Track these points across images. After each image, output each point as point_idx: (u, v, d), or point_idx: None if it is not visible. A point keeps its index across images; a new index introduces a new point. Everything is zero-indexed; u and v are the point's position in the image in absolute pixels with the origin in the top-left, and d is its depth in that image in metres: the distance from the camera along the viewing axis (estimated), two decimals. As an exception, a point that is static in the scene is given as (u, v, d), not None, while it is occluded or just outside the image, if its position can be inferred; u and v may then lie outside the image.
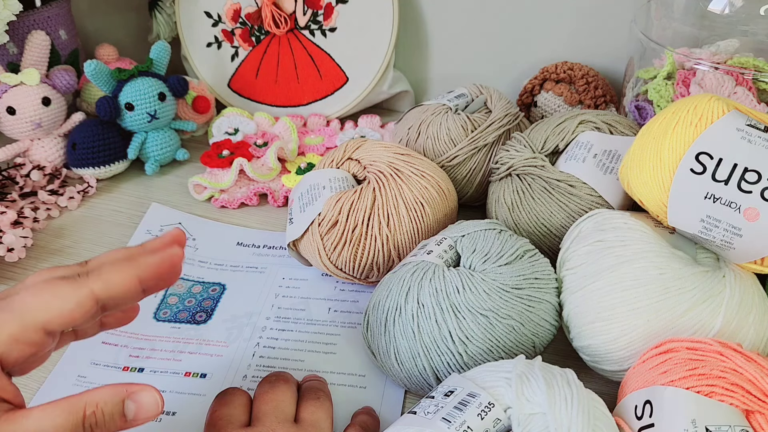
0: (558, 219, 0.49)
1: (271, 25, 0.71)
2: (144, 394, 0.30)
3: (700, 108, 0.41)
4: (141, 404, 0.30)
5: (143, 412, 0.30)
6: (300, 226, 0.51)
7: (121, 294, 0.31)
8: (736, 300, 0.39)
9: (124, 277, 0.31)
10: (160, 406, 0.31)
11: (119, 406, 0.30)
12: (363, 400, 0.45)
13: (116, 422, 0.30)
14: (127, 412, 0.30)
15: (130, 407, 0.30)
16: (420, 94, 0.80)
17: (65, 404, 0.29)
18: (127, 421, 0.30)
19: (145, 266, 0.31)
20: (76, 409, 0.29)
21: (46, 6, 0.70)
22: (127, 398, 0.30)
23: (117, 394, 0.30)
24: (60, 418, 0.29)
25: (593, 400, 0.34)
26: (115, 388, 0.30)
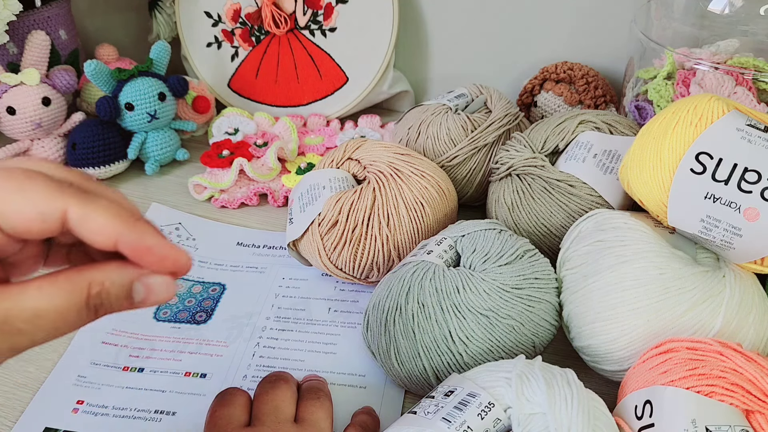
0: (558, 219, 0.49)
1: (271, 25, 0.71)
2: (155, 278, 0.27)
3: (700, 108, 0.41)
4: (150, 287, 0.27)
5: (153, 295, 0.27)
6: (300, 226, 0.51)
7: (88, 235, 0.25)
8: (736, 300, 0.39)
9: (102, 224, 0.25)
10: (173, 292, 0.27)
11: (127, 288, 0.26)
12: (363, 400, 0.45)
13: (122, 303, 0.27)
14: (135, 295, 0.27)
15: (138, 290, 0.27)
16: (420, 94, 0.80)
17: (66, 282, 0.25)
18: (134, 304, 0.27)
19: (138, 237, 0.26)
20: (80, 288, 0.26)
21: (46, 6, 0.70)
22: (137, 280, 0.26)
23: (125, 274, 0.26)
24: (61, 297, 0.25)
25: (593, 400, 0.34)
26: (123, 265, 0.26)
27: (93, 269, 0.26)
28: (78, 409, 0.44)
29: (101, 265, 0.26)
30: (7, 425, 0.43)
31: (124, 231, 0.25)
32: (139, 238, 0.26)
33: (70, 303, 0.25)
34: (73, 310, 0.25)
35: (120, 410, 0.44)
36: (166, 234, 0.60)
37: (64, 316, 0.25)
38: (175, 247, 0.27)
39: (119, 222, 0.25)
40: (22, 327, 0.25)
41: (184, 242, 0.59)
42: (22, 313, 0.25)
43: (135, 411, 0.44)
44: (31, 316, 0.25)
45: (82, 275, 0.26)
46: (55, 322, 0.25)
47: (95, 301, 0.26)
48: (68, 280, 0.26)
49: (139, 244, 0.26)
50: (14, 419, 0.43)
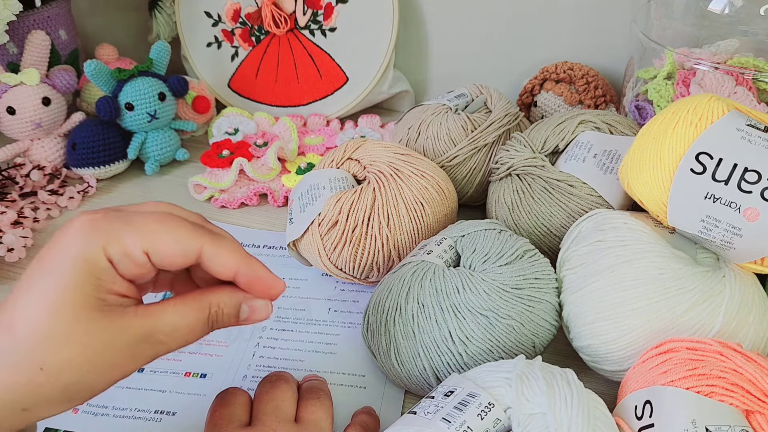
0: (558, 219, 0.49)
1: (271, 25, 0.71)
2: (258, 302, 0.34)
3: (700, 108, 0.41)
4: (254, 308, 0.34)
5: (255, 315, 0.35)
6: (300, 226, 0.51)
7: (217, 269, 0.33)
8: (736, 300, 0.39)
9: (229, 260, 0.33)
10: (270, 313, 0.35)
11: (236, 308, 0.34)
12: (363, 400, 0.45)
13: (231, 321, 0.34)
14: (241, 314, 0.34)
15: (244, 310, 0.34)
16: (420, 94, 0.80)
17: (195, 303, 0.32)
18: (240, 321, 0.34)
19: (252, 270, 0.34)
20: (204, 308, 0.32)
21: (46, 6, 0.70)
22: (244, 302, 0.34)
23: (235, 298, 0.34)
24: (191, 316, 0.32)
25: (593, 400, 0.34)
26: (234, 291, 0.34)
27: (213, 293, 0.33)
28: (78, 409, 0.44)
29: (217, 289, 0.34)
30: (7, 425, 0.43)
31: (242, 265, 0.33)
32: (253, 271, 0.34)
33: (198, 320, 0.32)
34: (200, 325, 0.33)
35: (120, 410, 0.44)
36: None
37: (193, 330, 0.32)
38: (276, 278, 0.35)
39: (240, 258, 0.33)
40: (163, 339, 0.31)
41: (184, 242, 0.59)
42: (164, 327, 0.31)
43: (135, 411, 0.44)
44: (170, 330, 0.31)
45: (204, 297, 0.33)
46: (186, 335, 0.32)
47: (213, 319, 0.33)
48: (195, 301, 0.33)
49: (253, 275, 0.34)
50: (14, 419, 0.43)
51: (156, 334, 0.31)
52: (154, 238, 0.31)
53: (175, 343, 0.32)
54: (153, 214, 0.32)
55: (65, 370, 0.28)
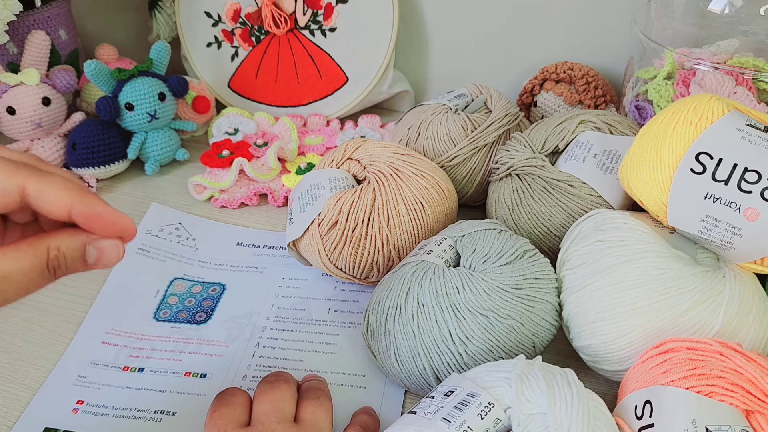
0: (558, 219, 0.49)
1: (271, 25, 0.71)
2: (105, 242, 0.31)
3: (700, 108, 0.41)
4: (102, 250, 0.31)
5: (104, 257, 0.31)
6: (300, 226, 0.51)
7: (46, 208, 0.30)
8: (736, 300, 0.39)
9: (56, 196, 0.29)
10: (121, 254, 0.32)
11: (80, 251, 0.31)
12: (363, 400, 0.45)
13: (77, 265, 0.31)
14: (88, 257, 0.31)
15: (91, 252, 0.31)
16: (420, 94, 0.80)
17: (28, 247, 0.30)
18: (88, 265, 0.31)
19: (89, 207, 0.30)
20: (40, 252, 0.30)
21: (46, 6, 0.70)
22: (89, 244, 0.31)
23: (77, 239, 0.31)
24: (25, 261, 0.29)
25: (593, 400, 0.34)
26: (75, 232, 0.31)
27: (50, 236, 0.30)
28: (78, 409, 0.44)
29: (57, 232, 0.30)
30: (7, 425, 0.43)
31: (76, 201, 0.30)
32: (89, 207, 0.30)
33: (33, 265, 0.30)
34: (36, 271, 0.30)
35: (120, 410, 0.44)
36: (166, 234, 0.60)
37: (29, 277, 0.29)
38: (120, 213, 0.31)
39: (72, 193, 0.30)
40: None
41: (184, 242, 0.59)
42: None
43: (135, 411, 0.44)
44: (1, 278, 0.29)
45: (40, 241, 0.30)
46: (21, 282, 0.29)
47: (53, 264, 0.30)
48: (30, 246, 0.30)
49: (89, 211, 0.30)
50: (14, 419, 0.43)
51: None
52: None
53: (12, 292, 0.29)
54: None
55: None
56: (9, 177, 0.29)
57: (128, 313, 0.52)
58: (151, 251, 0.57)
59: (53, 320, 0.51)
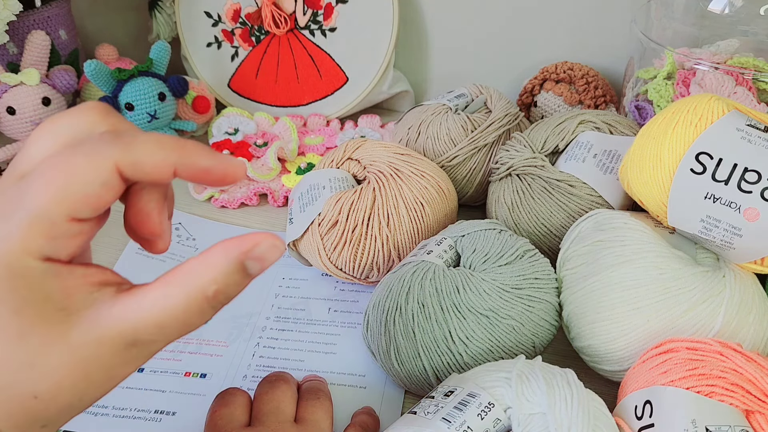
0: (558, 219, 0.49)
1: (271, 25, 0.71)
2: (261, 248, 0.26)
3: (700, 108, 0.41)
4: (262, 258, 0.26)
5: (267, 263, 0.26)
6: (300, 226, 0.51)
7: (148, 177, 0.25)
8: (736, 300, 0.39)
9: (156, 160, 0.25)
10: (283, 246, 0.27)
11: (241, 274, 0.26)
12: (363, 400, 0.45)
13: (241, 287, 0.26)
14: (251, 271, 0.26)
15: (253, 267, 0.26)
16: (420, 94, 0.80)
17: (179, 291, 0.25)
18: (253, 277, 0.26)
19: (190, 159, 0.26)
20: (194, 294, 0.25)
21: (46, 6, 0.70)
22: (246, 260, 0.26)
23: (232, 263, 0.26)
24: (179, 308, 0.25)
25: (593, 400, 0.34)
26: (225, 256, 0.26)
27: (201, 268, 0.26)
28: (78, 409, 0.44)
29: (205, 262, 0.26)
30: (7, 425, 0.43)
31: (177, 160, 0.25)
32: (193, 163, 0.26)
33: (190, 309, 0.25)
34: (195, 314, 0.26)
35: (120, 410, 0.44)
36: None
37: (188, 321, 0.26)
38: (228, 160, 0.27)
39: (169, 152, 0.25)
40: (153, 338, 0.26)
41: (184, 242, 0.59)
42: (147, 328, 0.25)
43: (135, 411, 0.44)
44: (155, 329, 0.25)
45: (192, 278, 0.26)
46: (180, 327, 0.26)
47: (217, 299, 0.26)
48: (181, 288, 0.25)
49: (195, 168, 0.26)
50: (14, 419, 0.43)
51: (143, 336, 0.25)
52: (65, 201, 0.24)
53: (172, 337, 0.26)
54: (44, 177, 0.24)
55: (60, 394, 0.24)
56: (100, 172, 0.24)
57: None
58: (151, 251, 0.57)
59: (53, 320, 0.51)
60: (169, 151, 0.25)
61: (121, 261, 0.56)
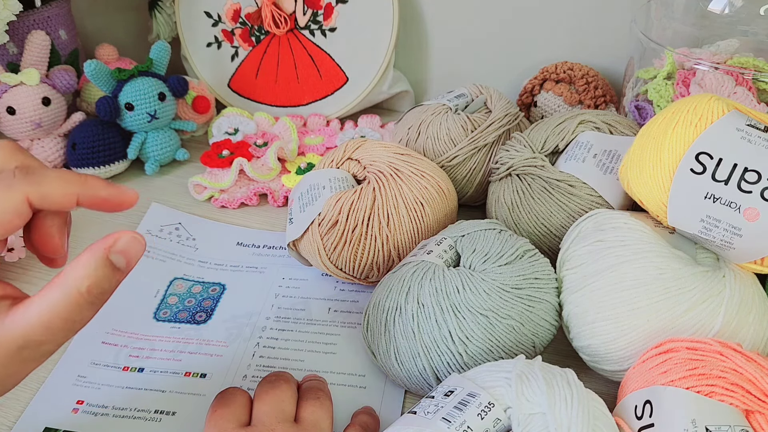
0: (558, 219, 0.49)
1: (271, 25, 0.71)
2: (121, 242, 0.30)
3: (700, 108, 0.41)
4: (127, 252, 0.31)
5: (132, 256, 0.31)
6: (300, 226, 0.51)
7: (55, 207, 0.30)
8: (736, 300, 0.39)
9: (61, 194, 0.30)
10: (142, 242, 0.31)
11: (108, 269, 0.30)
12: (363, 400, 0.45)
13: (114, 282, 0.30)
14: (119, 265, 0.30)
15: (119, 260, 0.30)
16: (420, 94, 0.80)
17: (57, 292, 0.29)
18: (124, 272, 0.31)
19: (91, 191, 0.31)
20: (69, 292, 0.29)
21: (46, 6, 0.70)
22: (111, 255, 0.30)
23: (97, 259, 0.30)
24: (61, 307, 0.29)
25: (593, 400, 0.34)
26: (91, 255, 0.30)
27: (72, 271, 0.29)
28: (78, 409, 0.44)
29: (75, 265, 0.30)
30: (7, 425, 0.43)
31: (79, 192, 0.30)
32: (94, 193, 0.31)
33: (70, 305, 0.29)
34: (75, 310, 0.29)
35: (120, 410, 0.44)
36: (166, 234, 0.60)
37: (70, 318, 0.29)
38: (121, 188, 0.32)
39: (72, 187, 0.30)
40: (43, 339, 0.29)
41: (184, 242, 0.59)
42: (36, 330, 0.29)
43: (135, 411, 0.44)
44: (42, 329, 0.29)
45: (67, 279, 0.29)
46: (65, 324, 0.29)
47: (92, 298, 0.29)
48: (58, 289, 0.29)
49: (95, 198, 0.31)
50: (14, 419, 0.43)
51: (32, 338, 0.29)
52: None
53: (60, 336, 0.29)
54: None
55: None
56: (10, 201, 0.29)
57: (128, 313, 0.52)
58: (151, 251, 0.58)
59: (53, 320, 0.51)
60: (74, 185, 0.30)
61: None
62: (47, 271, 0.56)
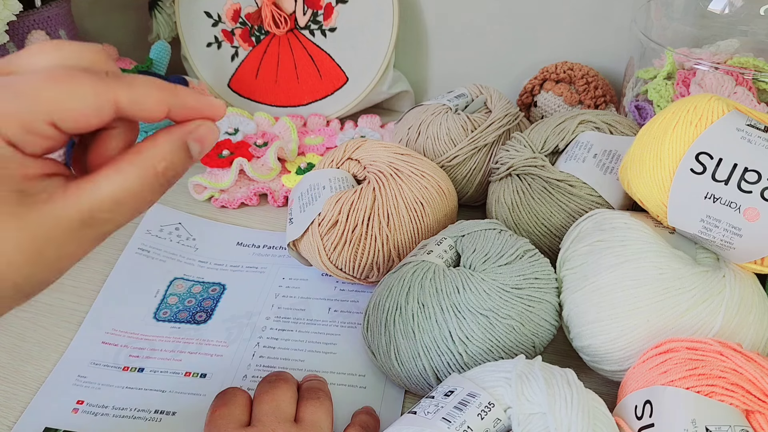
0: (558, 219, 0.49)
1: (271, 25, 0.71)
2: (201, 129, 0.30)
3: (700, 108, 0.41)
4: (203, 139, 0.30)
5: (206, 144, 0.30)
6: (300, 226, 0.51)
7: (144, 114, 0.28)
8: (736, 300, 0.39)
9: (154, 100, 0.28)
10: (218, 132, 0.31)
11: (185, 151, 0.30)
12: (363, 400, 0.45)
13: (187, 165, 0.30)
14: (193, 152, 0.30)
15: (194, 147, 0.30)
16: (420, 94, 0.80)
17: (132, 167, 0.28)
18: (196, 157, 0.30)
19: (181, 100, 0.29)
20: (147, 169, 0.28)
21: (46, 6, 0.70)
22: (189, 141, 0.30)
23: (177, 140, 0.29)
24: (134, 182, 0.28)
25: (593, 400, 0.34)
26: (170, 133, 0.30)
27: (150, 147, 0.29)
28: (78, 409, 0.44)
29: (153, 140, 0.29)
30: (7, 425, 0.43)
31: (170, 100, 0.29)
32: (185, 103, 0.30)
33: (144, 183, 0.28)
34: (147, 189, 0.28)
35: (120, 410, 0.44)
36: (166, 234, 0.60)
37: (142, 196, 0.28)
38: (210, 99, 0.31)
39: (164, 94, 0.29)
40: (108, 216, 0.27)
41: (184, 242, 0.59)
42: (104, 204, 0.27)
43: (135, 411, 0.44)
44: (112, 205, 0.27)
45: (142, 156, 0.28)
46: (136, 204, 0.28)
47: (167, 176, 0.29)
48: (133, 165, 0.28)
49: (187, 108, 0.30)
50: (14, 419, 0.43)
51: (97, 214, 0.27)
52: (56, 103, 0.26)
53: (126, 216, 0.28)
54: (45, 75, 0.26)
55: (9, 272, 0.26)
56: (99, 94, 0.27)
57: (128, 313, 0.52)
58: (151, 251, 0.58)
59: (53, 320, 0.51)
60: (165, 93, 0.29)
61: (121, 261, 0.56)
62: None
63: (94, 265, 0.56)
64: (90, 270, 0.56)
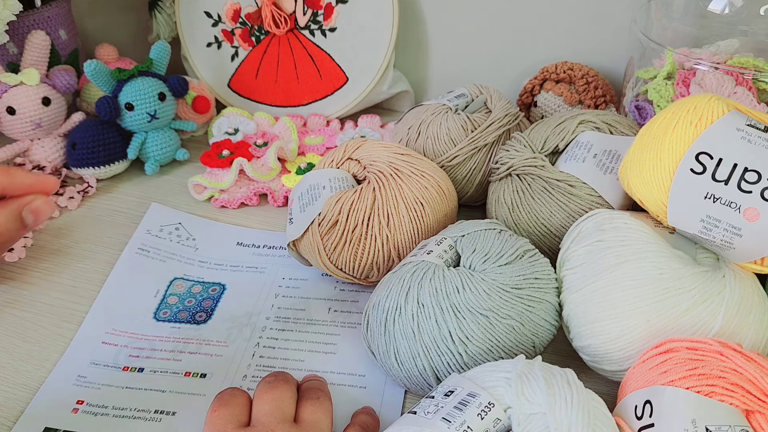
0: (558, 219, 0.49)
1: (271, 25, 0.71)
2: (36, 202, 0.36)
3: (700, 108, 0.41)
4: (37, 211, 0.36)
5: (42, 215, 0.36)
6: (300, 226, 0.51)
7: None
8: (736, 300, 0.39)
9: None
10: (53, 207, 0.37)
11: (18, 221, 0.36)
12: (363, 400, 0.45)
13: (21, 233, 0.36)
14: (27, 221, 0.36)
15: (28, 218, 0.36)
16: (420, 94, 0.80)
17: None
18: (29, 227, 0.36)
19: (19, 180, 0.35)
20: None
21: (46, 6, 0.70)
22: (24, 212, 0.36)
23: (11, 211, 0.35)
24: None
25: (593, 400, 0.34)
26: (7, 207, 0.35)
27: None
28: (78, 409, 0.44)
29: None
30: (7, 425, 0.43)
31: (5, 181, 0.35)
32: (19, 181, 0.35)
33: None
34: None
35: (120, 410, 0.44)
36: (166, 234, 0.60)
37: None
38: (43, 177, 0.37)
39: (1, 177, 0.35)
40: None
41: (184, 242, 0.59)
42: None
43: (135, 411, 0.44)
44: None
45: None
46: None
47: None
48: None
49: (20, 186, 0.35)
50: (14, 419, 0.43)
51: None
52: None
53: None
54: None
55: None
56: None
57: (128, 313, 0.52)
58: (151, 251, 0.58)
59: (53, 320, 0.51)
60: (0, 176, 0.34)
61: (121, 261, 0.56)
62: (47, 271, 0.56)
63: (94, 265, 0.56)
64: (90, 270, 0.56)
